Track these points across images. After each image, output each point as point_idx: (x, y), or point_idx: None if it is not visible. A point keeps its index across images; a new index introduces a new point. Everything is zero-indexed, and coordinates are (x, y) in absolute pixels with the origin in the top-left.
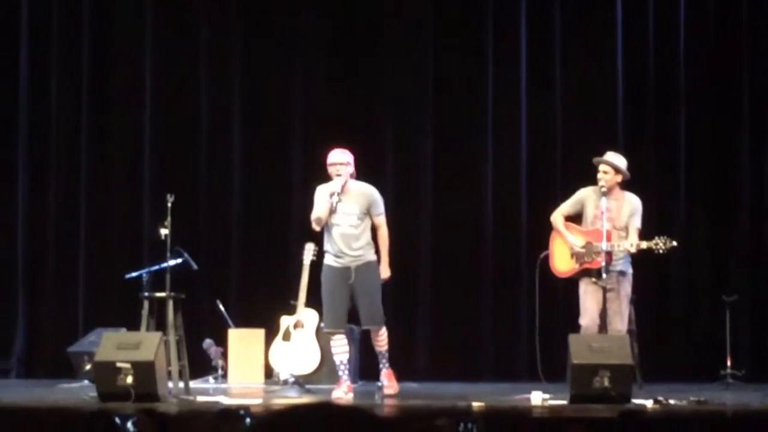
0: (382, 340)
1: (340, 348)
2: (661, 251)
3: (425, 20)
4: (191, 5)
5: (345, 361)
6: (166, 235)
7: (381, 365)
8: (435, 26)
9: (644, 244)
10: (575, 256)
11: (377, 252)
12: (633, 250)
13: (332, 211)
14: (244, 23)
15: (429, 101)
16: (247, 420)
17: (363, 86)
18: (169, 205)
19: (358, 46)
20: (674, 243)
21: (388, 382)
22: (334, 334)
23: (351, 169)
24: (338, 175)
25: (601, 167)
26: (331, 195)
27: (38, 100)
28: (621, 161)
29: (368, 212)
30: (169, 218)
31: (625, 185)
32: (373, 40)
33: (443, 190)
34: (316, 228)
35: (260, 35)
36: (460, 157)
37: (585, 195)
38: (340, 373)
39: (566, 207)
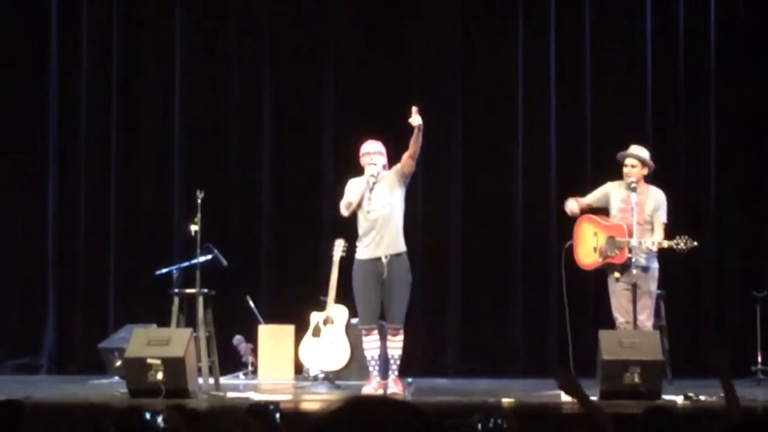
0: (401, 340)
1: (372, 344)
2: (682, 251)
3: (454, 11)
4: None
5: (376, 357)
6: (196, 232)
7: (391, 371)
8: (464, 20)
9: (665, 243)
10: (598, 250)
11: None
12: (654, 248)
13: (362, 202)
14: (274, 18)
15: (458, 95)
16: (277, 415)
17: (393, 81)
18: (199, 201)
19: (388, 40)
20: (695, 243)
21: (396, 388)
22: (368, 329)
23: (384, 160)
24: (372, 164)
25: (629, 161)
26: (369, 178)
27: (68, 98)
28: (646, 153)
29: (398, 186)
30: (199, 214)
31: (654, 178)
32: (403, 34)
33: (473, 185)
34: (345, 213)
35: (290, 30)
36: (489, 152)
37: (609, 187)
38: (371, 368)
39: (588, 196)
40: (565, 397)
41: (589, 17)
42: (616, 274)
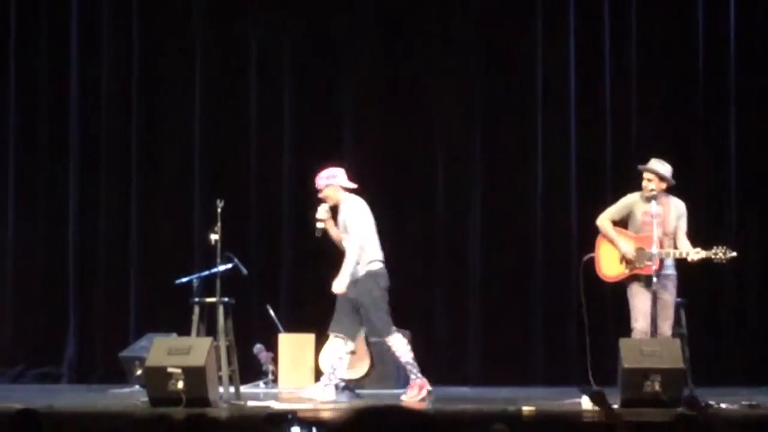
0: (394, 351)
1: (331, 351)
2: (721, 261)
3: (473, 27)
4: (241, 10)
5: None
6: (216, 241)
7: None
8: (483, 36)
9: (703, 254)
10: (626, 261)
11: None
12: (689, 258)
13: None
14: (294, 28)
15: (477, 105)
16: (295, 424)
17: (412, 94)
18: (219, 210)
19: (407, 57)
20: (734, 253)
21: (409, 391)
22: (335, 338)
23: (330, 190)
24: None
25: (645, 175)
26: (316, 231)
27: (88, 107)
28: (665, 168)
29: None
30: (219, 223)
31: (675, 188)
32: (422, 50)
33: (493, 194)
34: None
35: (311, 40)
36: (509, 163)
37: (632, 200)
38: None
39: (613, 212)
40: (585, 405)
41: (608, 26)
42: (642, 284)
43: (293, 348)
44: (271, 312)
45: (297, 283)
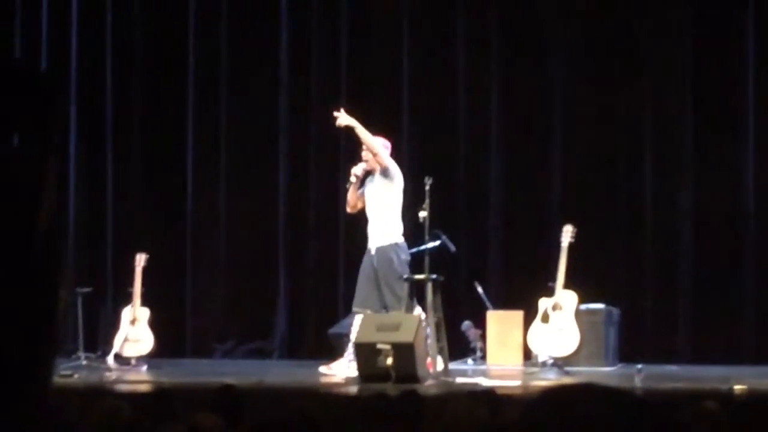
0: None
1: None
2: None
3: (685, 23)
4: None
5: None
6: (424, 218)
7: None
8: (693, 33)
9: None
10: None
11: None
12: None
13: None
14: (501, 22)
15: (688, 95)
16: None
17: (623, 71)
18: (428, 187)
19: (619, 39)
20: None
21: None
22: (358, 312)
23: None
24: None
25: None
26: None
27: (297, 96)
28: None
29: (383, 181)
30: (427, 201)
31: None
32: (632, 43)
33: (703, 172)
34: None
35: (516, 32)
36: (719, 140)
37: None
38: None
39: None
40: None
41: None
42: None
43: (501, 325)
44: (480, 289)
45: (505, 260)
